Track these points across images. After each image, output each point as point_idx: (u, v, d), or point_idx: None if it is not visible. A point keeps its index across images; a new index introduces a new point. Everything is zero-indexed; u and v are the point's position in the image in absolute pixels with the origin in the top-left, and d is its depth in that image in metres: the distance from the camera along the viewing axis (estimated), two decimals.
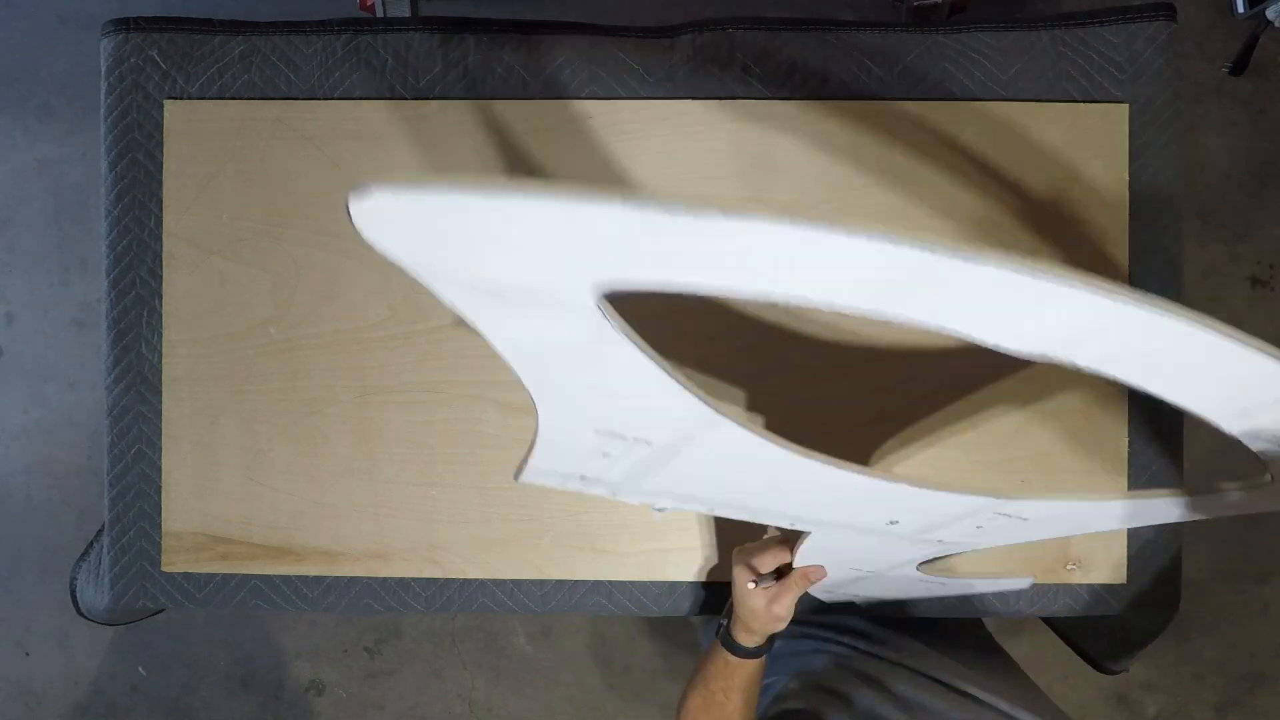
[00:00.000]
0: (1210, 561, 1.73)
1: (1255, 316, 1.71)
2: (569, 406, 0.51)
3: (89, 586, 1.00)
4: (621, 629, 1.78)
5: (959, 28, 0.91)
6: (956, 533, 0.65)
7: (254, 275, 0.93)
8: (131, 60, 0.92)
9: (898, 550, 0.71)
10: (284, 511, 0.93)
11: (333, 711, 1.81)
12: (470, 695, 1.80)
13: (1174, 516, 0.62)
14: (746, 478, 0.58)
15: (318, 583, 0.94)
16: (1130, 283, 0.90)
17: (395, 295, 0.92)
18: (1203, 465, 1.70)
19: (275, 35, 0.92)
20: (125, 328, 0.93)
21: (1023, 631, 1.72)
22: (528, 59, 0.92)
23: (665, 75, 0.92)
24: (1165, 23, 0.90)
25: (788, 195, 0.91)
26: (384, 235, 0.35)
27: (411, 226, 0.35)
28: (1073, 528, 0.69)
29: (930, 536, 0.66)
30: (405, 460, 0.93)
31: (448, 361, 0.92)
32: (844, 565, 0.76)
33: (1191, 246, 1.69)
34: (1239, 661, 1.76)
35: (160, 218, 0.93)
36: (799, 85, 0.91)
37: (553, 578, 0.94)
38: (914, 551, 0.71)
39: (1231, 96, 1.69)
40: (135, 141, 0.93)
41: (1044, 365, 0.83)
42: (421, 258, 0.37)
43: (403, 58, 0.92)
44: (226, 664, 1.81)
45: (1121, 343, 0.39)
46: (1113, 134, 0.90)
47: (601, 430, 0.54)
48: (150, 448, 0.93)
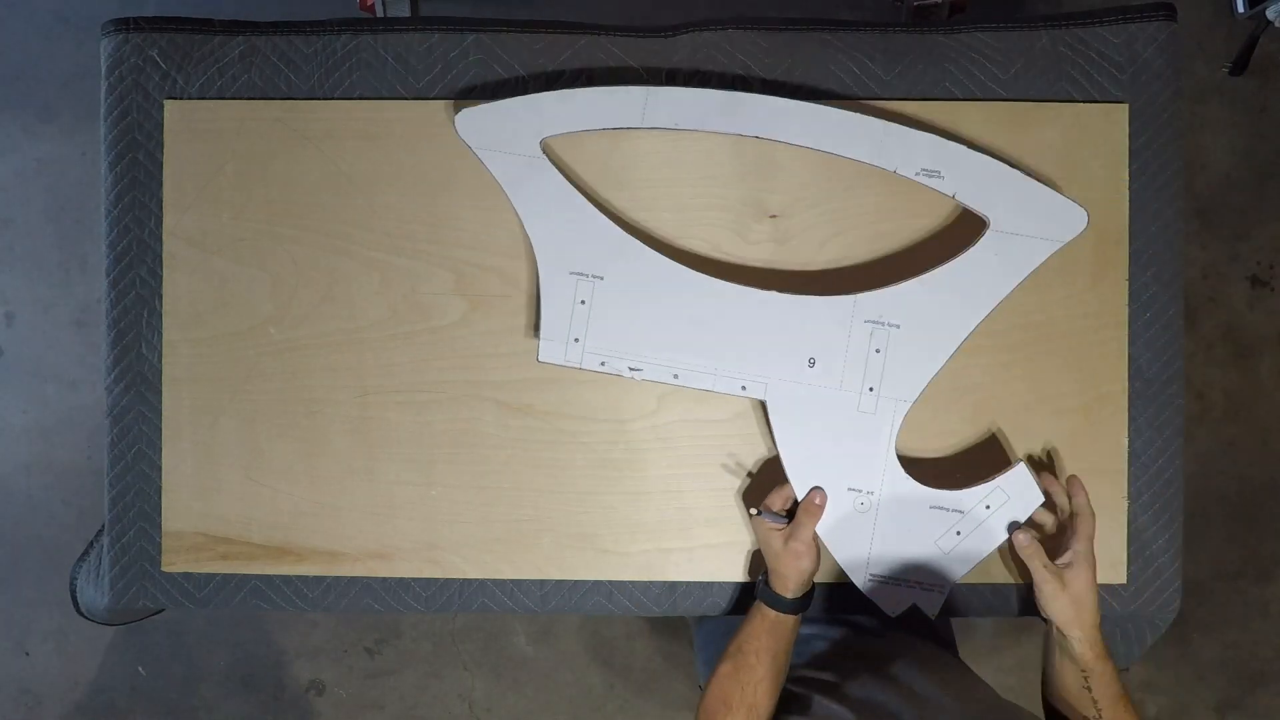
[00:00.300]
0: (1210, 561, 1.73)
1: (1255, 316, 1.71)
2: (549, 251, 0.84)
3: (89, 586, 0.99)
4: (621, 629, 1.78)
5: (959, 28, 0.91)
6: (860, 358, 0.83)
7: (254, 275, 0.93)
8: (131, 60, 0.92)
9: (866, 439, 0.84)
10: (284, 511, 0.93)
11: (333, 711, 1.81)
12: (470, 695, 1.80)
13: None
14: (676, 319, 0.84)
15: (318, 583, 0.94)
16: (1130, 282, 0.90)
17: (395, 295, 0.92)
18: (1202, 465, 1.70)
19: (275, 35, 0.92)
20: (125, 328, 0.93)
21: (1023, 631, 1.72)
22: (528, 59, 0.92)
23: (665, 75, 0.91)
24: (1165, 23, 0.90)
25: (787, 195, 0.91)
26: (469, 133, 0.84)
27: (481, 125, 0.84)
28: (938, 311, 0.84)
29: (857, 384, 0.84)
30: (405, 460, 0.93)
31: (448, 361, 0.92)
32: (840, 484, 0.84)
33: (1191, 246, 1.69)
34: (1239, 661, 1.76)
35: (160, 218, 0.93)
36: (799, 85, 0.91)
37: (553, 578, 0.94)
38: (879, 432, 0.84)
39: (1231, 96, 1.69)
40: (135, 141, 0.93)
41: (1044, 366, 0.88)
42: (486, 140, 0.84)
43: (403, 58, 0.92)
44: (226, 664, 1.81)
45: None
46: (1113, 134, 0.90)
47: (573, 271, 0.84)
48: (150, 448, 0.93)
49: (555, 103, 0.83)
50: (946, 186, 0.83)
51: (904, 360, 0.83)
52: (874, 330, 0.83)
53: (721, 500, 0.92)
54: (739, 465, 0.92)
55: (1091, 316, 0.91)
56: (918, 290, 0.83)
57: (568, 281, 0.84)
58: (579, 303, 0.84)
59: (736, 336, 0.85)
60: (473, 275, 0.92)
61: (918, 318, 0.83)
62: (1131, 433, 0.91)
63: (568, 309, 0.84)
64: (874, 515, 0.85)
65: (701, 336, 0.85)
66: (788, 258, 0.91)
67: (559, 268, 0.84)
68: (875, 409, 0.84)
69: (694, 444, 0.92)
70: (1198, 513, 1.70)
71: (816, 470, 0.85)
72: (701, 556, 0.93)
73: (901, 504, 0.84)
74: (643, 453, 0.92)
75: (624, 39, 0.92)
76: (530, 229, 0.84)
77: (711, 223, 0.91)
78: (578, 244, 0.84)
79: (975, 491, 0.84)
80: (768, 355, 0.84)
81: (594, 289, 0.84)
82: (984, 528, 0.84)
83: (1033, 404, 0.91)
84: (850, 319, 0.83)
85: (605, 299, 0.84)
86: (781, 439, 0.85)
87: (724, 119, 0.83)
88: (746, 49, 0.91)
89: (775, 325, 0.84)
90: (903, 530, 0.85)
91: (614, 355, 0.85)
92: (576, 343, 0.85)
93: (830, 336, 0.83)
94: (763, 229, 0.91)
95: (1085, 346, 0.91)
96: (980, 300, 0.83)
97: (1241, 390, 1.72)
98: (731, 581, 0.93)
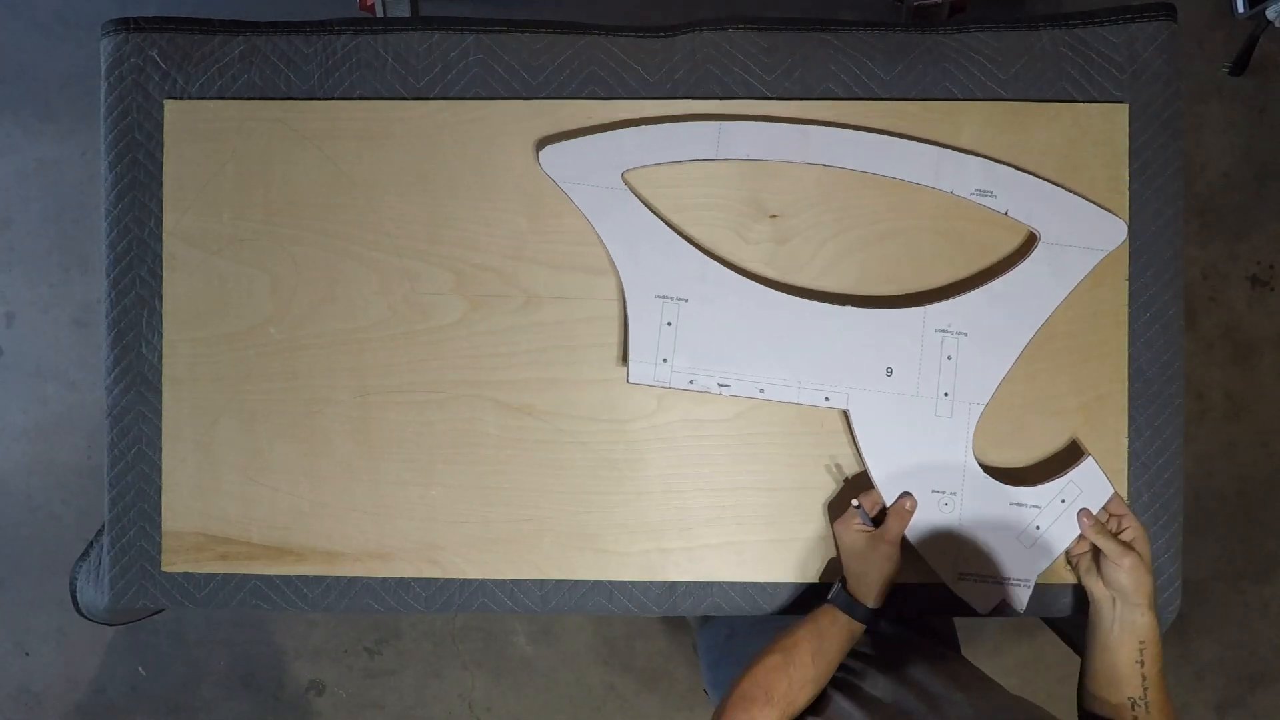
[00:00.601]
0: (1210, 561, 1.73)
1: (1255, 316, 1.71)
2: (635, 276, 0.89)
3: (89, 586, 0.99)
4: (621, 629, 1.78)
5: (959, 28, 0.91)
6: (934, 365, 0.88)
7: (254, 275, 0.93)
8: (131, 60, 0.92)
9: (945, 442, 0.88)
10: (284, 511, 0.93)
11: (333, 711, 1.81)
12: (470, 695, 1.80)
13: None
14: (758, 336, 0.89)
15: (318, 583, 0.94)
16: (1130, 282, 0.91)
17: (395, 295, 0.92)
18: (1202, 465, 1.70)
19: (275, 35, 0.92)
20: (125, 328, 0.93)
21: (1023, 631, 1.72)
22: (528, 59, 0.92)
23: (665, 75, 0.92)
24: (1165, 23, 0.90)
25: (787, 195, 0.91)
26: (554, 167, 0.89)
27: (564, 160, 0.89)
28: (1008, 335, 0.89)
29: (933, 390, 0.88)
30: (405, 460, 0.93)
31: (448, 361, 0.92)
32: (924, 487, 0.88)
33: (1191, 246, 1.69)
34: (1239, 661, 1.76)
35: (160, 218, 0.93)
36: (799, 85, 0.91)
37: (553, 578, 0.94)
38: (956, 435, 0.89)
39: (1231, 96, 1.69)
40: (135, 141, 0.93)
41: (1043, 366, 0.89)
42: (570, 174, 0.89)
43: (403, 58, 0.92)
44: (226, 664, 1.81)
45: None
46: (1113, 134, 0.90)
47: (658, 295, 0.89)
48: (150, 448, 0.93)
49: (634, 138, 0.89)
50: (999, 205, 0.88)
51: (974, 365, 0.88)
52: (944, 339, 0.88)
53: (721, 500, 0.92)
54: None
55: (1091, 317, 0.91)
56: (980, 300, 0.88)
57: (654, 305, 0.89)
58: (665, 324, 0.88)
59: (817, 350, 0.89)
60: (473, 275, 0.92)
61: (983, 326, 0.88)
62: (1131, 433, 0.91)
63: (655, 331, 0.89)
64: (958, 515, 0.88)
65: (784, 351, 0.89)
66: (788, 257, 0.91)
67: (645, 292, 0.89)
68: (951, 413, 0.88)
69: (694, 444, 0.92)
70: (1198, 513, 1.70)
71: (902, 475, 0.88)
72: (701, 556, 0.93)
73: (983, 503, 0.88)
74: (643, 453, 0.92)
75: (624, 39, 0.92)
76: (615, 256, 0.89)
77: (711, 223, 0.91)
78: (661, 269, 0.89)
79: (1051, 486, 0.87)
80: (848, 367, 0.89)
81: (679, 311, 0.88)
82: (1061, 521, 0.87)
83: (1033, 404, 0.91)
84: (922, 329, 0.88)
85: (690, 320, 0.89)
86: (866, 446, 0.89)
87: (792, 149, 0.89)
88: (746, 49, 0.91)
89: (853, 338, 0.89)
90: (986, 528, 0.88)
91: (702, 373, 0.89)
92: (665, 363, 0.89)
93: (905, 346, 0.88)
94: (763, 229, 0.91)
95: (1085, 346, 0.91)
96: (1037, 308, 0.89)
97: (1241, 390, 1.72)
98: (731, 581, 0.93)
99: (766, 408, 0.92)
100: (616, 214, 0.89)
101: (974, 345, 0.88)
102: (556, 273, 0.92)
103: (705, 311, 0.89)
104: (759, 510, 0.92)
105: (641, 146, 0.89)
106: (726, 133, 0.88)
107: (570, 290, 0.92)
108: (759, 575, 0.93)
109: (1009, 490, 0.88)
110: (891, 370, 0.88)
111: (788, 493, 0.92)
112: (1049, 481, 0.87)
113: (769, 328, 0.89)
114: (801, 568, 0.93)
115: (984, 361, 0.89)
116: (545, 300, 0.92)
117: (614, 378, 0.92)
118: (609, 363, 0.92)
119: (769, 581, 0.93)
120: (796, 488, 0.92)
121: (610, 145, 0.89)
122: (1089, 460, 0.87)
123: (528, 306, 0.92)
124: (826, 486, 0.92)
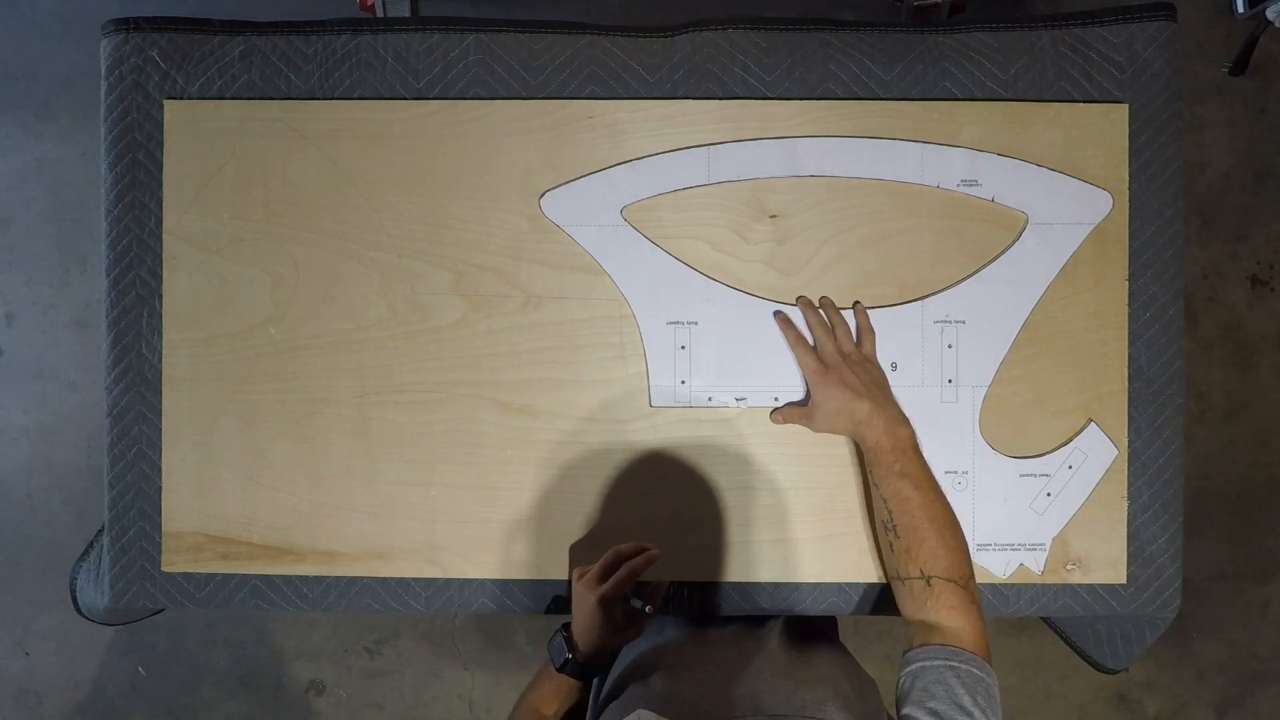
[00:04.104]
0: (1210, 561, 1.73)
1: (1255, 316, 1.71)
2: (646, 307, 0.92)
3: (89, 586, 0.99)
4: None
5: (959, 28, 0.91)
6: (935, 355, 0.91)
7: (254, 275, 0.93)
8: (131, 60, 0.92)
9: (952, 426, 0.91)
10: (284, 511, 0.93)
11: (333, 711, 1.81)
12: (470, 695, 1.80)
13: None
14: (768, 347, 0.92)
15: (318, 583, 0.94)
16: (1130, 282, 0.91)
17: (395, 295, 0.92)
18: (1202, 465, 1.70)
19: (275, 35, 0.92)
20: (125, 328, 0.93)
21: (1023, 631, 1.72)
22: (528, 59, 0.92)
23: (665, 75, 0.92)
24: (1165, 23, 0.90)
25: (787, 195, 0.91)
26: (556, 213, 0.92)
27: (566, 204, 0.92)
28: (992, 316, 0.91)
29: (937, 379, 0.91)
30: (405, 460, 0.93)
31: (448, 361, 0.92)
32: (936, 470, 0.85)
33: (1191, 246, 1.69)
34: (1239, 661, 1.76)
35: (160, 218, 0.93)
36: (799, 85, 0.91)
37: (552, 578, 0.94)
38: (962, 417, 0.91)
39: (1231, 96, 1.69)
40: (135, 141, 0.93)
41: (1044, 366, 0.88)
42: (572, 218, 0.92)
43: (403, 58, 0.92)
44: (226, 664, 1.81)
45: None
46: (1113, 134, 0.90)
47: (669, 321, 0.92)
48: (150, 448, 0.93)
49: (628, 174, 0.92)
50: (984, 193, 0.90)
51: (974, 350, 0.92)
52: (944, 328, 0.91)
53: (720, 500, 0.92)
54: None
55: (1091, 317, 0.91)
56: (975, 287, 0.91)
57: (666, 332, 0.92)
58: (680, 348, 0.92)
59: None
60: (473, 275, 0.92)
61: (979, 311, 0.91)
62: (1131, 433, 0.91)
63: (670, 356, 0.92)
64: (971, 492, 0.92)
65: (793, 359, 0.92)
66: (788, 257, 0.91)
67: (657, 320, 0.92)
68: (956, 398, 0.92)
69: (694, 444, 0.92)
70: (1198, 513, 1.70)
71: None
72: (701, 556, 0.93)
73: (993, 477, 0.92)
74: (642, 453, 0.92)
75: (624, 39, 0.92)
76: (625, 290, 0.92)
77: (711, 223, 0.91)
78: (670, 296, 0.92)
79: (1057, 455, 0.91)
80: None
81: (691, 334, 0.92)
82: (1071, 485, 0.91)
83: (1033, 404, 0.91)
84: (921, 321, 0.91)
85: (702, 341, 0.92)
86: None
87: (781, 165, 0.91)
88: (746, 49, 0.91)
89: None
90: (998, 500, 0.92)
91: (719, 389, 0.92)
92: (683, 384, 0.92)
93: (906, 340, 0.92)
94: (763, 229, 0.91)
95: (1085, 346, 0.91)
96: (1031, 287, 0.91)
97: (1241, 390, 1.72)
98: (728, 582, 0.93)
99: (768, 406, 0.92)
100: (620, 250, 0.92)
101: (972, 331, 0.91)
102: (556, 273, 0.92)
103: (715, 331, 0.92)
104: (760, 510, 0.92)
105: (636, 181, 0.91)
106: (716, 157, 0.91)
107: (570, 290, 0.92)
108: (759, 575, 0.93)
109: (1018, 463, 0.91)
110: (896, 365, 0.91)
111: (789, 492, 0.92)
112: (1055, 450, 0.91)
113: (777, 338, 0.92)
114: (804, 567, 0.93)
115: (983, 345, 0.91)
116: (545, 300, 0.92)
117: (614, 378, 0.92)
118: (609, 363, 0.92)
119: (769, 581, 0.93)
120: (798, 487, 0.92)
121: (606, 184, 0.92)
122: (1092, 425, 0.90)
123: (528, 306, 0.92)
124: (829, 485, 0.92)
